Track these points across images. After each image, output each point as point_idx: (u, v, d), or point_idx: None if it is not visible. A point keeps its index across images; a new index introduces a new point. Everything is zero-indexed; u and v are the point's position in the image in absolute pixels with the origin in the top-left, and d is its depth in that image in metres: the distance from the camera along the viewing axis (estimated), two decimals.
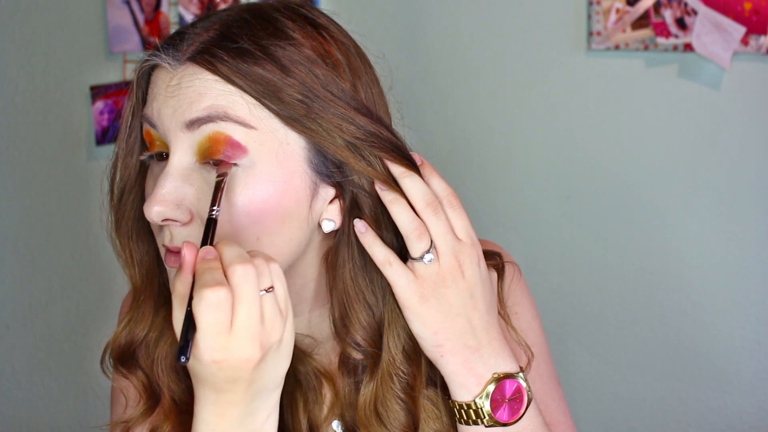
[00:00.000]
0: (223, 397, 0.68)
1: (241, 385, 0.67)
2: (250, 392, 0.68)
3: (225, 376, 0.66)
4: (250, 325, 0.65)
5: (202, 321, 0.63)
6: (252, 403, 0.69)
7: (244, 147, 0.72)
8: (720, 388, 1.69)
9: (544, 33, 1.70)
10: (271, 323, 0.67)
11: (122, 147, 0.80)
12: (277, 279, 0.68)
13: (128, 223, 0.82)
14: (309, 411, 0.86)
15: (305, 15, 0.77)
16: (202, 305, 0.63)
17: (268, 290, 0.67)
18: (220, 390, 0.67)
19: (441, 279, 0.77)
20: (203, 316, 0.63)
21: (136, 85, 0.77)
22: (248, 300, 0.64)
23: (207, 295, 0.63)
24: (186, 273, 0.66)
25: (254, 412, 0.70)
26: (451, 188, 0.80)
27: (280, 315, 0.68)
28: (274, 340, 0.67)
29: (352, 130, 0.74)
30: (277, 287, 0.68)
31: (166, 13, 1.86)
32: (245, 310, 0.64)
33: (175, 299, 0.66)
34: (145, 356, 0.84)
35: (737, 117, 1.63)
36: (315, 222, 0.78)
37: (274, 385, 0.71)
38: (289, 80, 0.72)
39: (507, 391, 0.78)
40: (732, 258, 1.67)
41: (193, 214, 0.74)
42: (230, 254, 0.66)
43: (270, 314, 0.67)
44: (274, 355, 0.68)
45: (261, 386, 0.69)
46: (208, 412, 0.69)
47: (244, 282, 0.64)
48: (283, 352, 0.69)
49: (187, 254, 0.66)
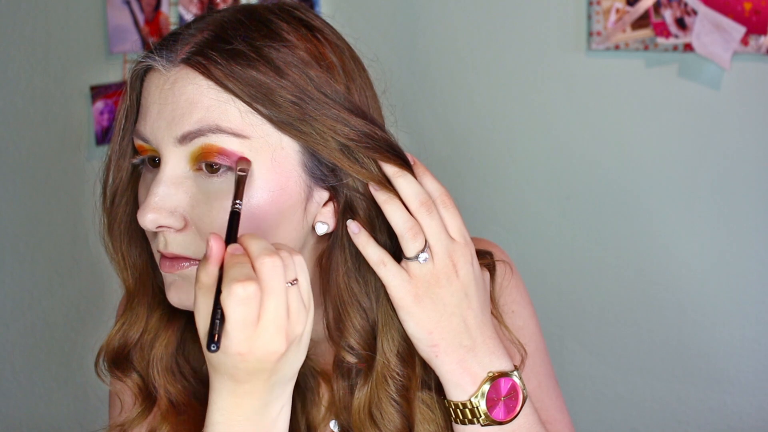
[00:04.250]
0: (242, 387, 0.68)
1: (263, 376, 0.68)
2: (269, 383, 0.69)
3: (247, 368, 0.66)
4: (277, 318, 0.65)
5: (231, 315, 0.63)
6: (270, 394, 0.69)
7: (239, 155, 0.72)
8: (720, 388, 1.69)
9: (544, 33, 1.70)
10: (296, 316, 0.67)
11: (115, 150, 0.80)
12: (301, 271, 0.69)
13: (120, 226, 0.82)
14: (307, 412, 0.86)
15: (300, 17, 0.77)
16: (232, 300, 0.63)
17: (292, 282, 0.67)
18: (240, 380, 0.68)
19: (435, 279, 0.77)
20: (232, 311, 0.63)
21: (129, 88, 0.77)
22: (276, 293, 0.65)
23: (237, 290, 0.63)
24: (212, 265, 0.66)
25: (270, 403, 0.70)
26: (444, 188, 0.80)
27: (304, 307, 0.68)
28: (298, 332, 0.68)
29: (345, 132, 0.74)
30: (300, 280, 0.68)
31: (166, 13, 1.86)
32: (273, 304, 0.65)
33: (198, 290, 0.66)
34: (140, 358, 0.84)
35: (737, 117, 1.63)
36: (309, 225, 0.78)
37: (290, 377, 0.71)
38: (283, 82, 0.72)
39: (502, 389, 0.78)
40: (732, 258, 1.66)
41: (187, 220, 0.74)
42: (257, 247, 0.66)
43: (295, 307, 0.67)
44: (296, 347, 0.69)
45: (280, 377, 0.69)
46: (224, 401, 0.69)
47: (273, 275, 0.65)
48: (303, 345, 0.70)
49: (213, 246, 0.66)
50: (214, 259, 0.66)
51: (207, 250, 0.66)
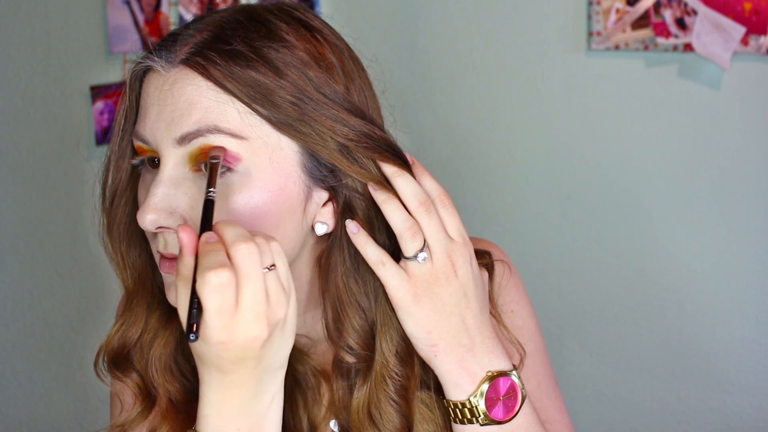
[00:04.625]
0: (230, 377, 0.68)
1: (249, 365, 0.67)
2: (257, 372, 0.68)
3: (231, 357, 0.66)
4: (255, 304, 0.65)
5: (207, 303, 0.63)
6: (259, 383, 0.69)
7: (236, 155, 0.72)
8: (720, 388, 1.69)
9: (544, 33, 1.70)
10: (276, 300, 0.67)
11: (114, 150, 0.80)
12: (278, 257, 0.68)
13: (120, 226, 0.82)
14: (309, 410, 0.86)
15: (299, 17, 0.77)
16: (206, 288, 0.63)
17: (270, 268, 0.67)
18: (227, 371, 0.67)
19: (434, 278, 0.77)
20: (208, 299, 0.63)
21: (129, 88, 0.77)
22: (253, 279, 0.65)
23: (210, 278, 0.63)
24: (186, 256, 0.66)
25: (261, 392, 0.70)
26: (443, 188, 0.80)
27: (283, 292, 0.68)
28: (279, 317, 0.67)
29: (344, 132, 0.74)
30: (278, 265, 0.68)
31: (166, 13, 1.86)
32: (251, 290, 0.65)
33: (179, 282, 0.66)
34: (140, 358, 0.84)
35: (737, 117, 1.63)
36: (309, 225, 0.78)
37: (279, 365, 0.71)
38: (282, 82, 0.72)
39: (501, 389, 0.78)
40: (732, 258, 1.66)
41: (186, 220, 0.74)
42: (232, 234, 0.66)
43: (274, 291, 0.67)
44: (280, 332, 0.68)
45: (268, 365, 0.69)
46: (213, 393, 0.69)
47: (248, 261, 0.64)
48: (288, 330, 0.70)
49: (184, 238, 0.66)
50: (187, 250, 0.66)
51: (179, 243, 0.66)
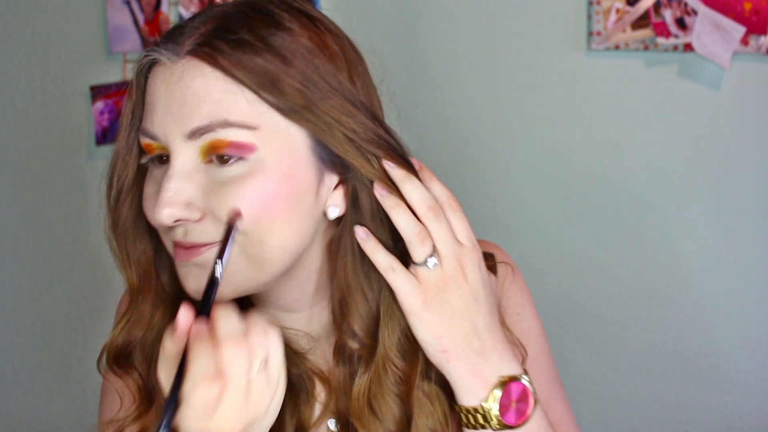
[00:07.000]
0: None
1: None
2: None
3: None
4: (235, 409, 0.64)
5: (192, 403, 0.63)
6: None
7: (251, 145, 0.72)
8: (720, 388, 1.69)
9: (544, 33, 1.70)
10: (258, 398, 0.66)
11: (122, 146, 0.79)
12: (274, 347, 0.68)
13: (125, 223, 0.81)
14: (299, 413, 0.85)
15: (298, 8, 0.78)
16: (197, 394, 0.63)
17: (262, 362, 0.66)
18: None
19: (444, 283, 0.77)
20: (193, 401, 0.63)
21: (135, 84, 0.77)
22: (234, 383, 0.64)
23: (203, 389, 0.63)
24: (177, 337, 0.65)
25: None
26: (451, 192, 0.80)
27: (269, 388, 0.67)
28: (260, 412, 0.67)
29: (350, 125, 0.74)
30: (272, 357, 0.67)
31: (166, 13, 1.86)
32: (233, 395, 0.64)
33: (162, 355, 0.66)
34: (141, 357, 0.84)
35: (737, 117, 1.63)
36: (321, 209, 0.78)
37: None
38: (289, 70, 0.73)
39: (513, 393, 0.78)
40: (732, 258, 1.66)
41: (203, 210, 0.73)
42: (225, 330, 0.65)
43: (259, 391, 0.66)
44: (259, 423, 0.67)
45: None
46: None
47: (234, 365, 0.64)
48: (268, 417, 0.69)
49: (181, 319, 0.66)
50: (180, 332, 0.65)
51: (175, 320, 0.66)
